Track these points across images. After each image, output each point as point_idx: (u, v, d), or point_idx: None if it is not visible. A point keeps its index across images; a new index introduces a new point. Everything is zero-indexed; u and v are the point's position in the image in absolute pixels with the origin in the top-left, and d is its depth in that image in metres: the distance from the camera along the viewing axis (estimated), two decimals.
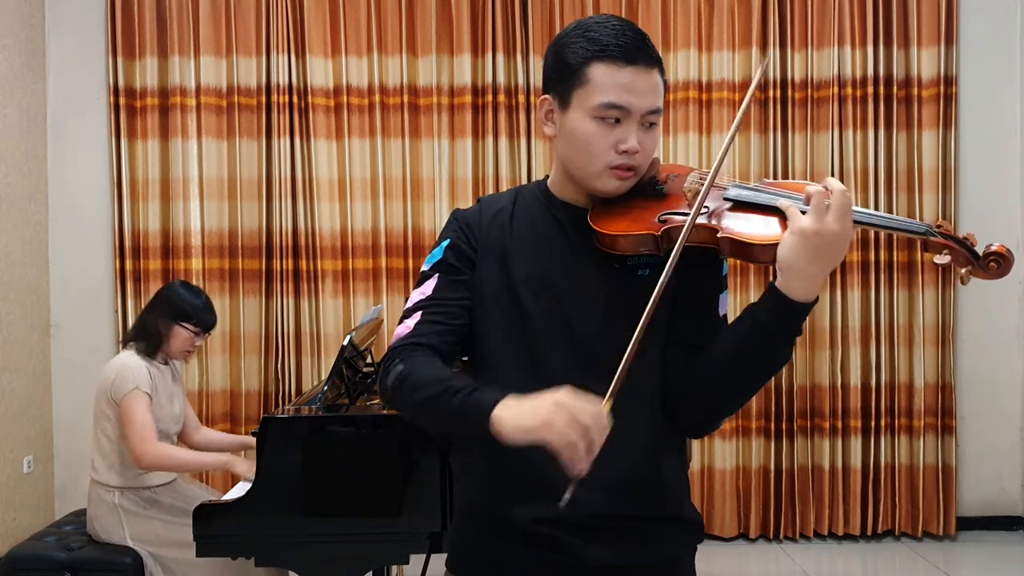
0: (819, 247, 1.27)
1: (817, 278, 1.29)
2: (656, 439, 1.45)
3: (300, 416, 2.90)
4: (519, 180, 4.61)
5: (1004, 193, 4.80)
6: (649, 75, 1.41)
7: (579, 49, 1.42)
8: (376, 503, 2.67)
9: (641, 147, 1.43)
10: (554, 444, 1.24)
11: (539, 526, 1.41)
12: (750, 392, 1.45)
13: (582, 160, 1.45)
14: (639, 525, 1.44)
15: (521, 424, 1.26)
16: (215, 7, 4.63)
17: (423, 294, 1.49)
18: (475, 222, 1.53)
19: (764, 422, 4.70)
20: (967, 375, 4.78)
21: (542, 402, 1.26)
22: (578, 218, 1.47)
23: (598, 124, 1.41)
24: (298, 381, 4.66)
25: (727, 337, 1.40)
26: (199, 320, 3.30)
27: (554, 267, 1.47)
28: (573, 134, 1.44)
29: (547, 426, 1.24)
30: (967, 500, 4.80)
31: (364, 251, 4.64)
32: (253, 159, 4.65)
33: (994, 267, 1.31)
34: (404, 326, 1.48)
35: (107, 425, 3.17)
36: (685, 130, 4.66)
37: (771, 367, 1.40)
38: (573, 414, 1.23)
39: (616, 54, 1.39)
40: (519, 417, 1.27)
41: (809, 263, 1.28)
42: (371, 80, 4.64)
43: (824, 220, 1.27)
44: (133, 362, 3.19)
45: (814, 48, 4.68)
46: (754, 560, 4.55)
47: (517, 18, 4.65)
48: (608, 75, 1.40)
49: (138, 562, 3.07)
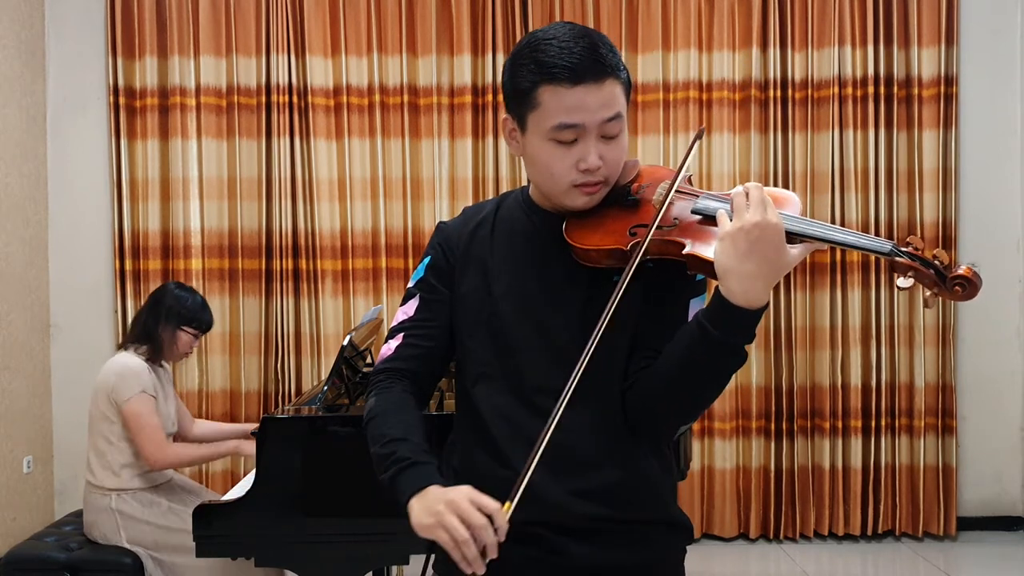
0: (747, 245, 1.26)
1: (756, 280, 1.27)
2: (634, 443, 1.46)
3: (300, 416, 2.89)
4: (519, 180, 4.61)
5: (1004, 193, 4.79)
6: (600, 88, 1.37)
7: (527, 73, 1.40)
8: (376, 503, 2.66)
9: (604, 160, 1.41)
10: (443, 543, 1.27)
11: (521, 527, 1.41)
12: (701, 399, 1.41)
13: (546, 181, 1.45)
14: (625, 528, 1.45)
15: (418, 522, 1.32)
16: (215, 7, 4.63)
17: (406, 314, 1.56)
18: (455, 235, 1.56)
19: (764, 422, 4.70)
20: (967, 375, 4.78)
21: (437, 500, 1.31)
22: (555, 226, 1.47)
23: (555, 146, 1.40)
24: (298, 381, 4.66)
25: (676, 341, 1.38)
26: (200, 323, 3.33)
27: (532, 279, 1.48)
28: (534, 158, 1.44)
29: (438, 526, 1.28)
30: (967, 500, 4.79)
31: (364, 251, 4.64)
32: (253, 159, 4.65)
33: (959, 291, 1.25)
34: (387, 347, 1.55)
35: (105, 427, 3.15)
36: (685, 130, 4.66)
37: (719, 374, 1.36)
38: (465, 515, 1.27)
39: (562, 76, 1.36)
40: (418, 514, 1.33)
41: (741, 262, 1.27)
42: (371, 80, 4.64)
43: (744, 216, 1.27)
44: (136, 364, 3.17)
45: (814, 48, 4.67)
46: (754, 560, 4.55)
47: (517, 18, 4.65)
48: (556, 98, 1.37)
49: (138, 562, 3.07)
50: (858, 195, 4.67)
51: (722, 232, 1.29)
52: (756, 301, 1.29)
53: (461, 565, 1.27)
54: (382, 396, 1.51)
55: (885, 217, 4.68)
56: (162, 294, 3.36)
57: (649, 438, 1.48)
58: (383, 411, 1.48)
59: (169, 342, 3.26)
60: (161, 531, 3.10)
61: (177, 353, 3.32)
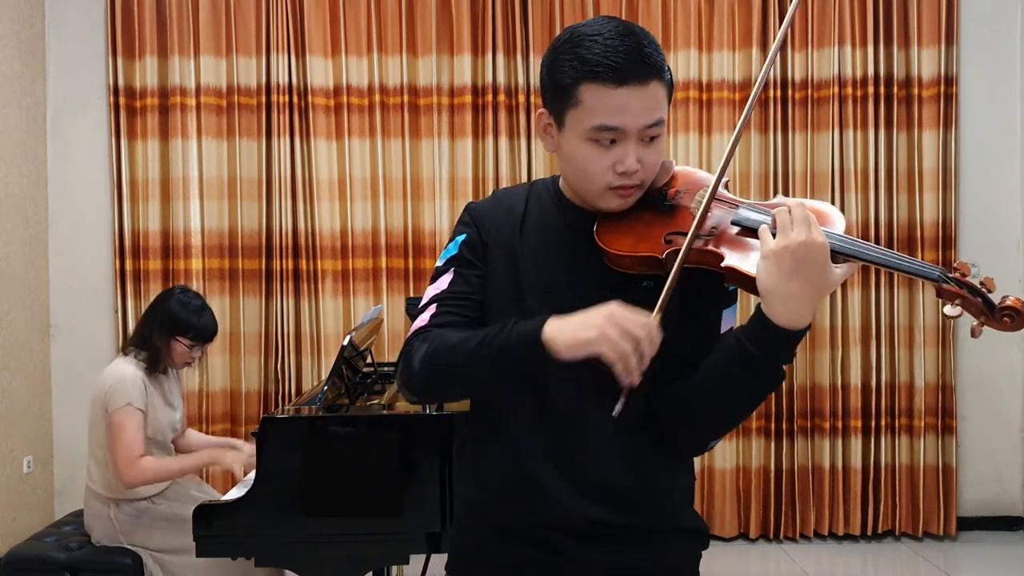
0: (793, 265, 1.24)
1: (802, 301, 1.25)
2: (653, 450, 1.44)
3: (300, 416, 2.89)
4: (519, 180, 4.61)
5: (1004, 193, 4.80)
6: (644, 90, 1.35)
7: (569, 68, 1.36)
8: (376, 503, 2.67)
9: (642, 164, 1.38)
10: (607, 356, 1.26)
11: (535, 529, 1.41)
12: (735, 416, 1.41)
13: (581, 181, 1.42)
14: (637, 533, 1.43)
15: (575, 337, 1.28)
16: (215, 7, 4.63)
17: (438, 289, 1.48)
18: (488, 217, 1.51)
19: (764, 422, 4.70)
20: (967, 375, 4.78)
21: (593, 316, 1.28)
22: (587, 223, 1.44)
23: (593, 146, 1.37)
24: (298, 381, 4.66)
25: (714, 356, 1.36)
26: (196, 334, 3.21)
27: (562, 272, 1.45)
28: (569, 156, 1.41)
29: (602, 338, 1.26)
30: (967, 500, 4.79)
31: (364, 251, 4.64)
32: (253, 159, 4.65)
33: (1007, 322, 1.24)
34: (419, 320, 1.48)
35: (100, 434, 3.12)
36: (685, 130, 4.66)
37: (755, 393, 1.35)
38: (626, 326, 1.26)
39: (606, 75, 1.33)
40: (572, 331, 1.29)
41: (785, 282, 1.25)
42: (371, 80, 4.64)
43: (788, 235, 1.25)
44: (129, 373, 3.10)
45: (814, 48, 4.68)
46: (754, 560, 4.55)
47: (517, 18, 4.65)
48: (599, 97, 1.34)
49: (138, 562, 3.07)
50: (858, 195, 4.67)
51: (765, 250, 1.26)
52: (800, 322, 1.27)
53: (622, 377, 1.26)
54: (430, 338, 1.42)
55: (885, 217, 4.68)
56: (162, 300, 3.28)
57: (675, 451, 1.46)
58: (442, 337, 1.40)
59: (165, 351, 3.18)
60: (162, 534, 3.09)
61: (175, 362, 3.23)
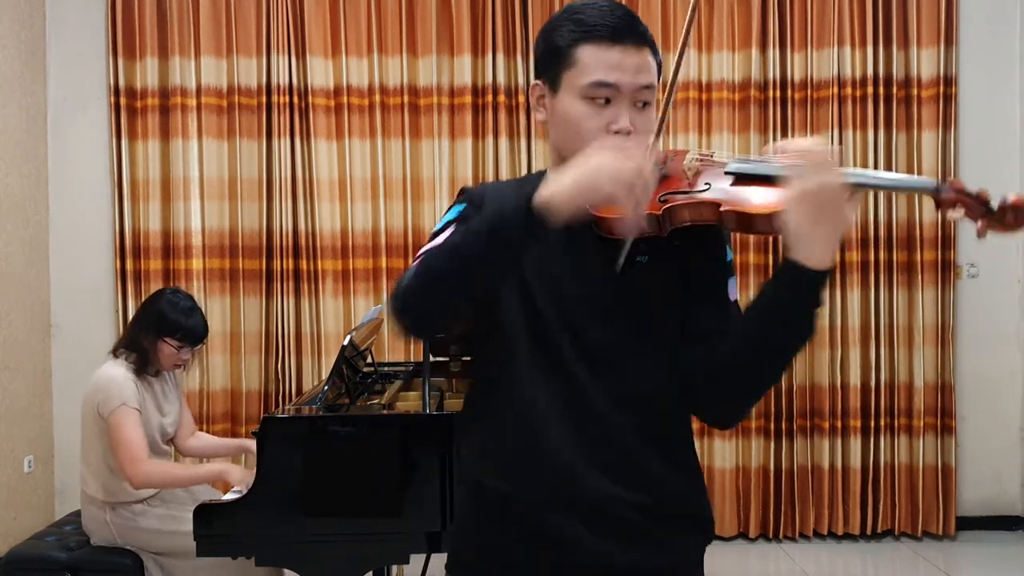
0: (818, 205, 1.26)
1: (829, 240, 1.28)
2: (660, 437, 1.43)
3: (300, 416, 2.90)
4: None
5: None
6: (639, 52, 1.39)
7: (566, 32, 1.41)
8: (376, 503, 2.67)
9: (633, 127, 1.39)
10: (607, 189, 1.23)
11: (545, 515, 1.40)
12: (777, 371, 1.43)
13: (574, 142, 1.40)
14: (650, 522, 1.42)
15: (571, 182, 1.24)
16: (215, 7, 4.64)
17: (433, 244, 1.43)
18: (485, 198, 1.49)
19: (764, 422, 4.71)
20: (967, 375, 4.79)
21: (582, 157, 1.26)
22: None
23: (588, 105, 1.40)
24: (298, 381, 4.66)
25: (748, 318, 1.38)
26: (184, 335, 3.13)
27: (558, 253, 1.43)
28: (564, 116, 1.43)
29: (597, 171, 1.23)
30: (967, 500, 4.80)
31: (364, 251, 4.65)
32: (253, 159, 4.65)
33: (1011, 220, 1.26)
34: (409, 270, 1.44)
35: (93, 437, 3.09)
36: (685, 130, 4.66)
37: (795, 342, 1.37)
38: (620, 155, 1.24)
39: (603, 33, 1.38)
40: (565, 177, 1.25)
41: (815, 224, 1.27)
42: (371, 80, 4.64)
43: (808, 179, 1.27)
44: (120, 375, 3.06)
45: (814, 48, 4.68)
46: (754, 560, 4.55)
47: (517, 18, 4.65)
48: (596, 55, 1.38)
49: (138, 562, 3.07)
50: None
51: (796, 191, 1.28)
52: (829, 261, 1.30)
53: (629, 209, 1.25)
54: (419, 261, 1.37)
55: (884, 216, 4.68)
56: (152, 301, 3.23)
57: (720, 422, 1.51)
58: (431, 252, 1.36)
59: (153, 352, 3.12)
60: (160, 535, 3.06)
61: (164, 364, 3.16)
